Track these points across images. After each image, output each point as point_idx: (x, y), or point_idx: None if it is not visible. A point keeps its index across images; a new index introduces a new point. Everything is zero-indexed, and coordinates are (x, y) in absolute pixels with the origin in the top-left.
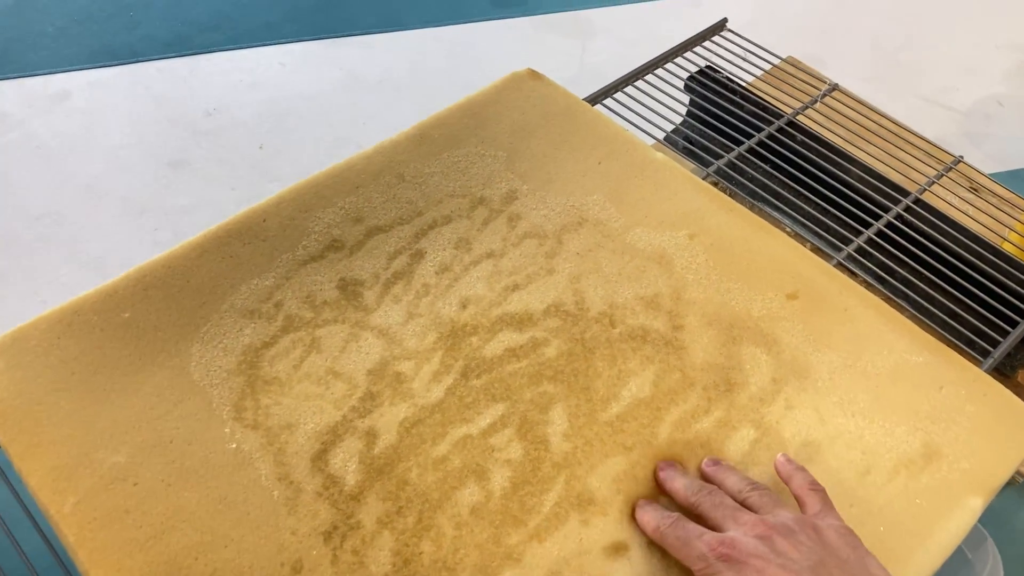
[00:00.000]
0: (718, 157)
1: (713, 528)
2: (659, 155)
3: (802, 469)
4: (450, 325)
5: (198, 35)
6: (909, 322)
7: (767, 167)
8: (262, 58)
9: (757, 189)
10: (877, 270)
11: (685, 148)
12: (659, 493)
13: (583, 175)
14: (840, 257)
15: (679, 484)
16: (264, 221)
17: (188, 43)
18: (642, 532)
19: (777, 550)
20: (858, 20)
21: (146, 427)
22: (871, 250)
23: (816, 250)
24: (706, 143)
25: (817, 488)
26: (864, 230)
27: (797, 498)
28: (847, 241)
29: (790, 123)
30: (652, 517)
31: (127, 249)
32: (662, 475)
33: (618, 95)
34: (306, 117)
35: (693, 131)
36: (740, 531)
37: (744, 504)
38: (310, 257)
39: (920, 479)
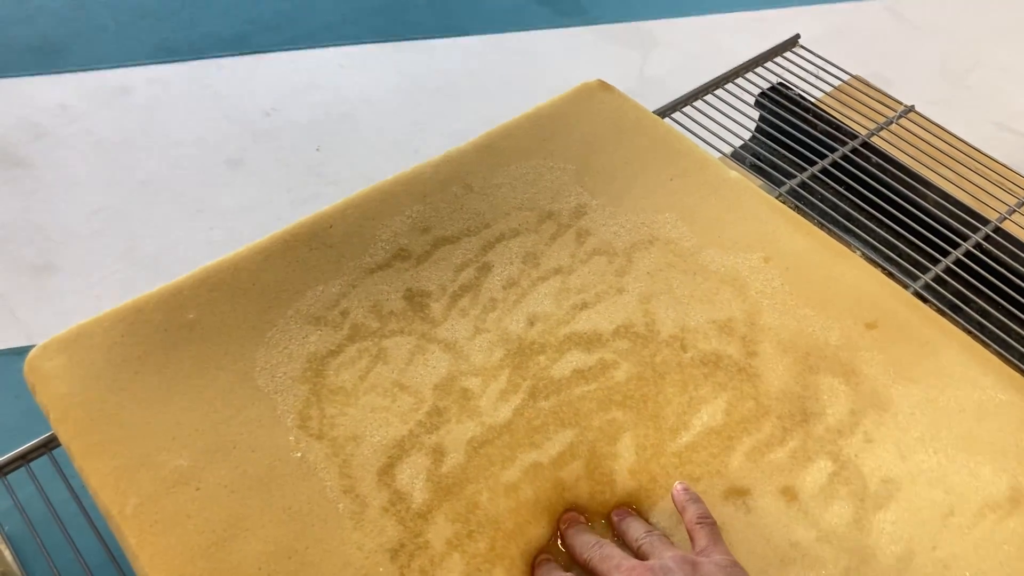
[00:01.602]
0: (789, 176)
1: None
2: (733, 174)
3: (696, 501)
4: (517, 342)
5: (258, 34)
6: (994, 358)
7: (840, 188)
8: (321, 59)
9: (829, 210)
10: (952, 298)
11: (753, 165)
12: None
13: (654, 192)
14: (917, 286)
15: (576, 541)
16: (330, 227)
17: (248, 42)
18: None
19: None
20: (925, 40)
21: (209, 431)
22: (948, 279)
23: (890, 276)
24: (776, 161)
25: (705, 521)
26: (942, 258)
27: (688, 531)
28: (923, 268)
29: (864, 144)
30: (579, 543)
31: (182, 247)
32: (564, 532)
33: (687, 109)
34: (364, 120)
35: (763, 148)
36: None
37: (638, 552)
38: (377, 266)
39: (1007, 523)
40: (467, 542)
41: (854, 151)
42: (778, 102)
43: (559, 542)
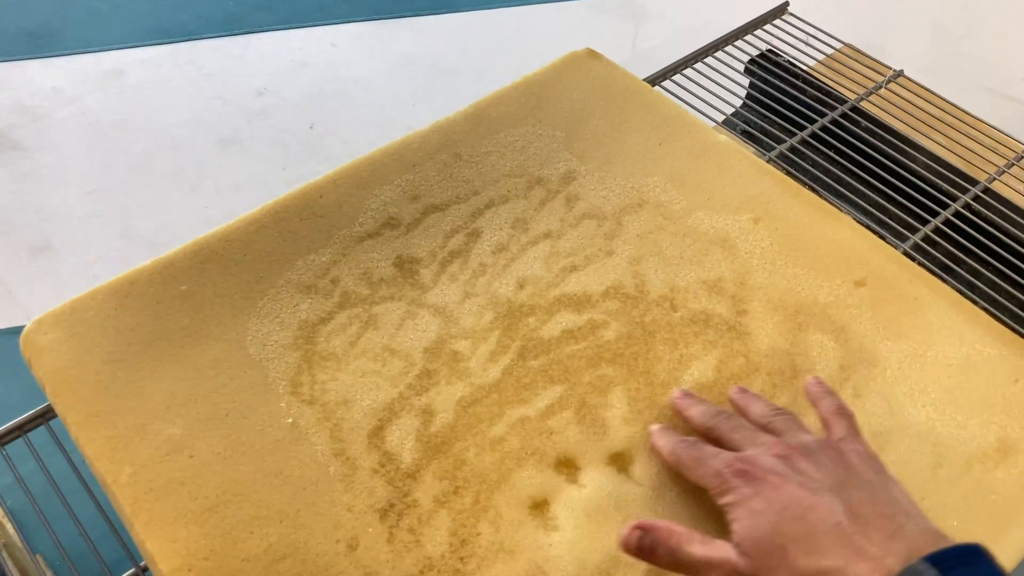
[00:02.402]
0: (779, 142)
1: (732, 451)
2: (722, 137)
3: (831, 393)
4: (507, 305)
5: (250, 15)
6: (982, 313)
7: (830, 153)
8: (313, 38)
9: (820, 175)
10: (944, 260)
11: (744, 132)
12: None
13: (643, 156)
14: (906, 246)
15: (696, 411)
16: (321, 197)
17: (240, 22)
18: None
19: (796, 468)
20: (918, 7)
21: (202, 400)
22: (938, 239)
23: (880, 239)
24: (767, 127)
25: (844, 412)
26: (931, 219)
27: (824, 421)
28: (912, 229)
29: (854, 109)
30: (668, 441)
31: (178, 226)
32: (679, 402)
33: (676, 77)
34: (356, 98)
35: (753, 115)
36: (759, 450)
37: (767, 429)
38: (367, 234)
39: (995, 474)
40: (453, 498)
41: (843, 116)
42: (767, 68)
43: (677, 410)
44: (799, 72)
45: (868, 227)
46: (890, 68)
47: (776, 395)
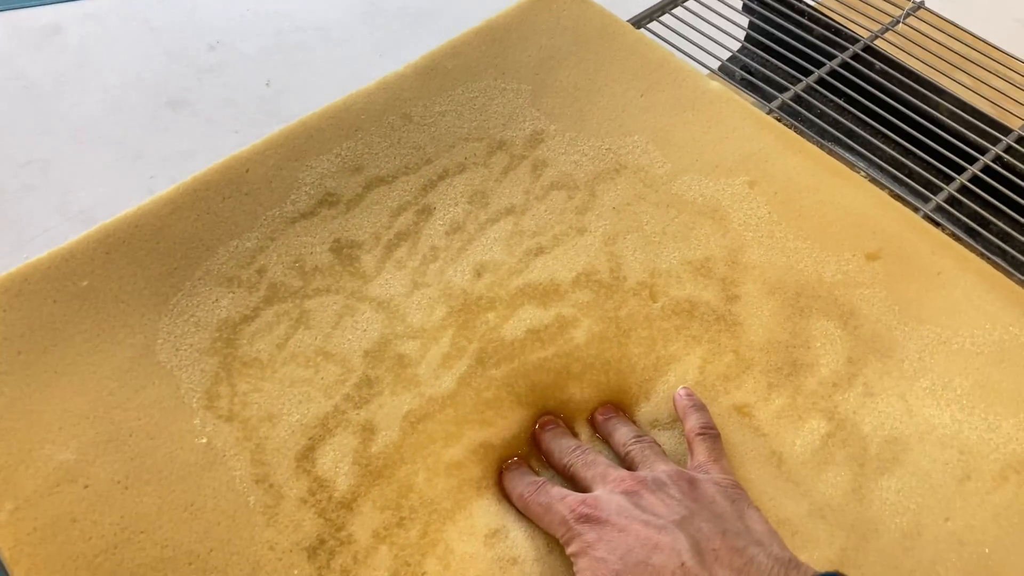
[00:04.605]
0: (782, 90)
1: (584, 490)
2: (714, 85)
3: (699, 408)
4: (462, 297)
5: None
6: (1018, 288)
7: (840, 101)
8: None
9: (828, 127)
10: (968, 221)
11: (743, 79)
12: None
13: (622, 111)
14: (927, 209)
15: (555, 445)
16: (247, 172)
17: None
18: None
19: (642, 505)
20: None
21: (102, 418)
22: (964, 199)
23: (897, 199)
24: (768, 73)
25: (708, 433)
26: (956, 176)
27: (687, 442)
28: (935, 189)
29: (867, 49)
30: (516, 484)
31: (121, 199)
32: (539, 433)
33: (665, 18)
34: (318, 50)
35: (753, 59)
36: (607, 489)
37: (625, 460)
38: (300, 214)
39: None
40: (396, 531)
41: (855, 57)
42: (768, 5)
43: (537, 445)
44: (804, 8)
45: (884, 187)
46: (909, 0)
47: (771, 397)
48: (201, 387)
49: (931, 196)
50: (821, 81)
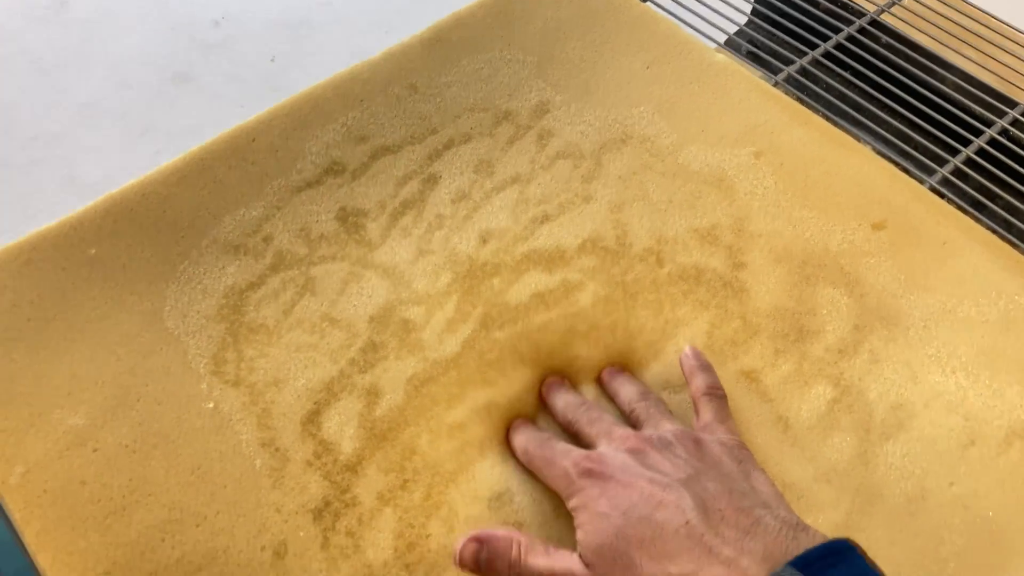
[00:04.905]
0: (788, 63)
1: (588, 447)
2: (720, 57)
3: (706, 369)
4: (467, 264)
5: None
6: (1023, 259)
7: (846, 75)
8: None
9: (834, 100)
10: (976, 195)
11: (749, 53)
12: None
13: (628, 83)
14: (933, 181)
15: (560, 401)
16: (253, 141)
17: None
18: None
19: (647, 463)
20: None
21: (110, 383)
22: (970, 171)
23: (903, 172)
24: (774, 47)
25: (715, 393)
26: (962, 148)
27: (693, 402)
28: (940, 161)
29: (873, 23)
30: (523, 439)
31: (127, 173)
32: (545, 392)
33: None
34: (322, 26)
35: (759, 33)
36: (611, 447)
37: (630, 418)
38: (305, 183)
39: None
40: (400, 494)
41: (861, 31)
42: None
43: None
44: None
45: (890, 160)
46: None
47: (778, 362)
48: (208, 353)
49: (936, 168)
50: (827, 55)
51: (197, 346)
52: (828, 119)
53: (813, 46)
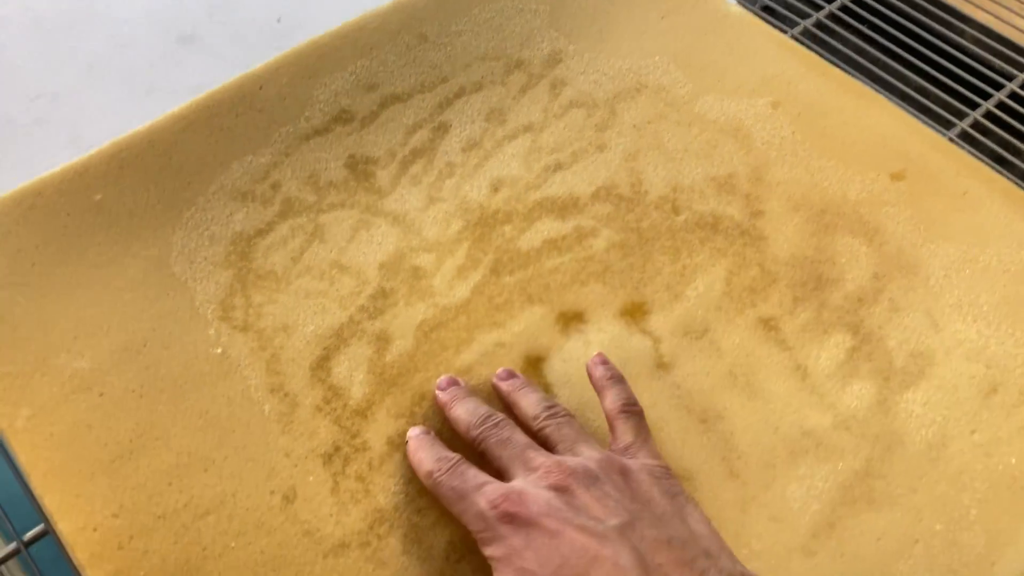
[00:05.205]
0: (804, 17)
1: (499, 473)
2: (735, 8)
3: (618, 381)
4: (478, 212)
5: None
6: None
7: (863, 29)
8: None
9: (852, 54)
10: (997, 149)
11: (764, 7)
12: None
13: (642, 33)
14: (952, 134)
15: (461, 411)
16: (260, 88)
17: None
18: None
19: (576, 506)
20: None
21: (116, 328)
22: (990, 125)
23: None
24: (790, 0)
25: (632, 410)
26: (982, 102)
27: (609, 421)
28: (961, 116)
29: None
30: (426, 457)
31: None
32: (442, 397)
33: None
34: None
35: None
36: (531, 480)
37: (537, 437)
38: (314, 130)
39: None
40: None
41: None
42: None
43: (441, 408)
44: None
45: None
46: None
47: (797, 311)
48: (216, 298)
49: (956, 122)
50: (843, 8)
51: (205, 292)
52: (845, 72)
53: (829, 0)
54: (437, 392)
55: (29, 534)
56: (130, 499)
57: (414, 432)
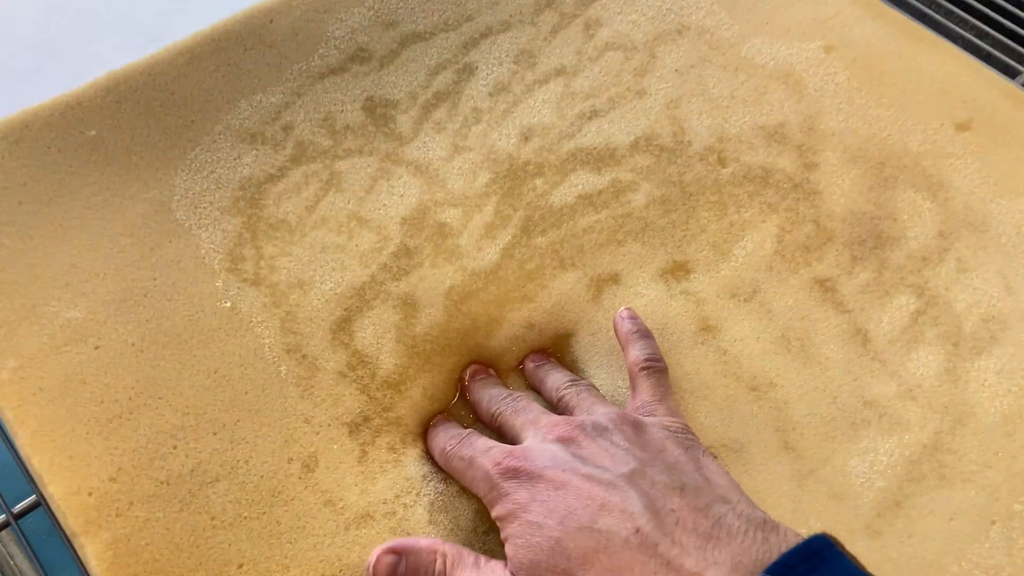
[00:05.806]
0: None
1: (514, 442)
2: None
3: (644, 336)
4: (507, 163)
5: None
6: None
7: None
8: None
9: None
10: None
11: None
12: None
13: None
14: (1019, 83)
15: (484, 395)
16: (270, 23)
17: None
18: None
19: (581, 455)
20: None
21: (113, 275)
22: None
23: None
24: None
25: (655, 366)
26: None
27: (630, 377)
28: None
29: None
30: (439, 439)
31: None
32: (468, 384)
33: None
34: None
35: None
36: (538, 437)
37: (558, 406)
38: (329, 69)
39: None
40: None
41: None
42: None
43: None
44: None
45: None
46: None
47: (855, 270)
48: (223, 248)
49: (1021, 69)
50: None
51: (211, 240)
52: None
53: None
54: (463, 382)
55: (20, 505)
56: (130, 462)
57: (436, 419)
